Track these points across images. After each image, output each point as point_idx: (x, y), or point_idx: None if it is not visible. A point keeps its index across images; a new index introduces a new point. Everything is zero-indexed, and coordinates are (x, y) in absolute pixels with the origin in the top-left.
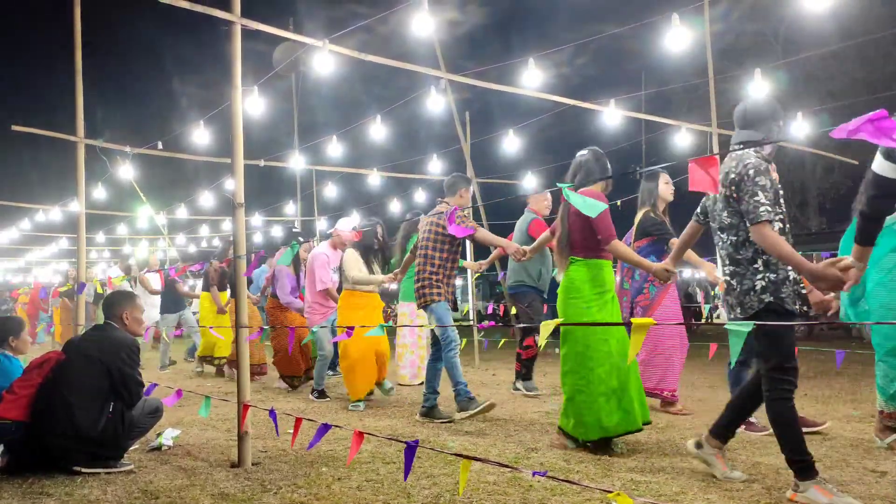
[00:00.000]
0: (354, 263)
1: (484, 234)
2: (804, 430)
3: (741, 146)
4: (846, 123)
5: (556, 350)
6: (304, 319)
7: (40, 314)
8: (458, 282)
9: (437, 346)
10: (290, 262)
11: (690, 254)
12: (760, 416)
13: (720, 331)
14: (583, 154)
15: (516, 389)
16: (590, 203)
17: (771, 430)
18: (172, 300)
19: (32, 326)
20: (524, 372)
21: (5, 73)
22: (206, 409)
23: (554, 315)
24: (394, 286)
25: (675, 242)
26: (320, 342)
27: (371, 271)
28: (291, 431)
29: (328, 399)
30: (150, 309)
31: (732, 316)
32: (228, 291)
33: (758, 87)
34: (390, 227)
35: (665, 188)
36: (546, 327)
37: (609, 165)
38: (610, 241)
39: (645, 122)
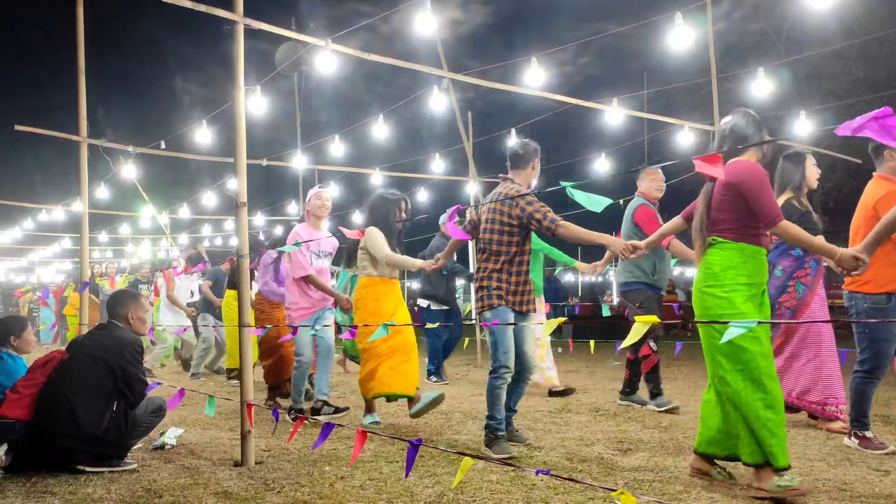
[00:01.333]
0: (383, 241)
1: (571, 229)
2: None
3: (744, 146)
4: (850, 121)
5: (559, 350)
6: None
7: (55, 313)
8: (460, 281)
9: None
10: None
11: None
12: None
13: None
14: (729, 119)
15: (638, 404)
16: (594, 199)
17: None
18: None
19: (62, 327)
20: (652, 385)
21: (8, 72)
22: (212, 408)
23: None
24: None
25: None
26: (298, 345)
27: None
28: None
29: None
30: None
31: None
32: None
33: (761, 86)
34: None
35: (813, 172)
36: (549, 325)
37: (765, 130)
38: (778, 222)
39: (647, 122)
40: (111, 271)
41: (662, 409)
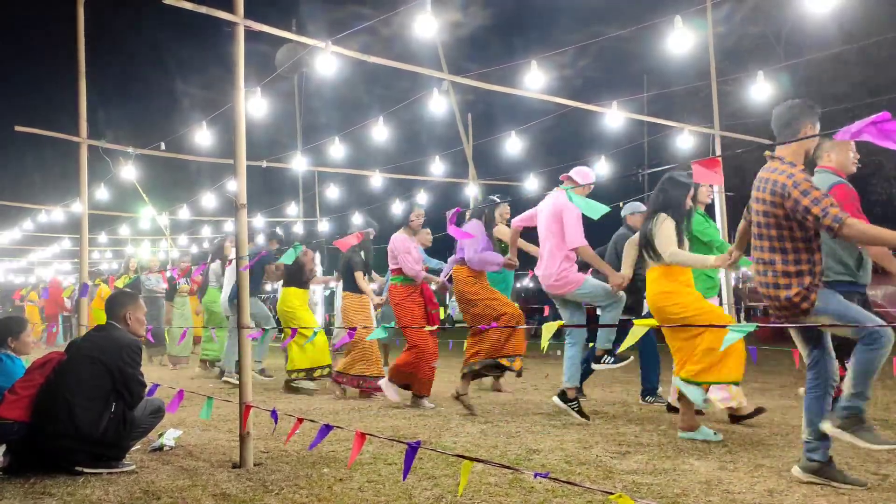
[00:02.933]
0: (673, 234)
1: (862, 230)
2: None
3: (750, 149)
4: (849, 125)
5: (559, 352)
6: (503, 299)
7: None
8: None
9: (820, 367)
10: (293, 260)
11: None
12: None
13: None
14: None
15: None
16: (592, 205)
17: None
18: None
19: (50, 327)
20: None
21: (9, 73)
22: (208, 412)
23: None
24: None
25: None
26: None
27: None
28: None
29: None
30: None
31: None
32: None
33: (760, 90)
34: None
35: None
36: (549, 328)
37: None
38: None
39: (647, 125)
40: (154, 264)
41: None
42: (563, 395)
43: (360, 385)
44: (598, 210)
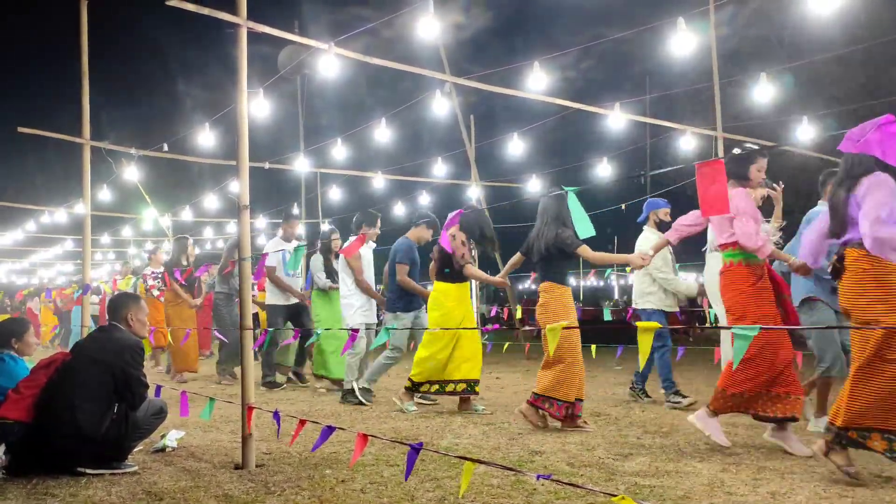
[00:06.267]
0: None
1: None
2: None
3: (751, 148)
4: (852, 132)
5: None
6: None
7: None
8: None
9: None
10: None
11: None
12: None
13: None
14: None
15: None
16: (584, 221)
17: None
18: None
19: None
20: None
21: (12, 75)
22: (209, 412)
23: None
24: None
25: None
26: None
27: None
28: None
29: None
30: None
31: None
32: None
33: (763, 91)
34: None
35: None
36: (553, 332)
37: None
38: None
39: (649, 126)
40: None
41: None
42: None
43: (567, 413)
44: (587, 228)
